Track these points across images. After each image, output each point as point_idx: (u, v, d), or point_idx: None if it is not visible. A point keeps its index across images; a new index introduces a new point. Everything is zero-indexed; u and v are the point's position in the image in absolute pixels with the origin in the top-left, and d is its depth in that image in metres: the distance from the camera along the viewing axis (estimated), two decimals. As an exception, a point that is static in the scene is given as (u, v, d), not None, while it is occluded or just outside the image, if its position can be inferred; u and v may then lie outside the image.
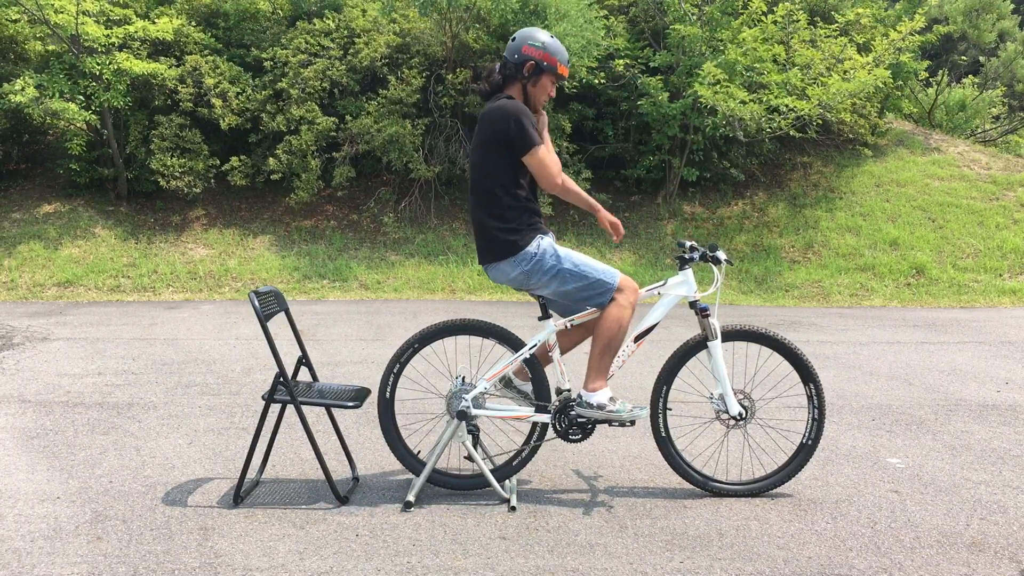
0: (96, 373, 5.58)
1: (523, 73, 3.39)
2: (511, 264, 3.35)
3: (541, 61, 3.38)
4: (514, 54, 3.39)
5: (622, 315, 3.31)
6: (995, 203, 12.10)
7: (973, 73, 18.80)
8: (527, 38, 3.40)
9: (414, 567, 2.78)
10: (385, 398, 3.46)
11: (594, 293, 3.34)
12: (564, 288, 3.34)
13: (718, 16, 11.52)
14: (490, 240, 3.36)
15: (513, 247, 3.32)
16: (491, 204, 3.35)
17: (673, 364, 3.47)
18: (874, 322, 8.06)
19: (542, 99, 3.47)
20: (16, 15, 10.84)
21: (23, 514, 3.19)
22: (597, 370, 3.34)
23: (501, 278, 3.42)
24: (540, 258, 3.32)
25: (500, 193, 3.33)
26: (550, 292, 3.40)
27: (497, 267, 3.39)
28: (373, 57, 11.44)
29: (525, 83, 3.42)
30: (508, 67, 3.41)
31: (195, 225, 11.45)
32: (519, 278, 3.37)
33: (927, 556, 2.90)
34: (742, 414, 3.43)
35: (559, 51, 3.41)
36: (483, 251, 3.42)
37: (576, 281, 3.33)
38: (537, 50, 3.37)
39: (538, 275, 3.34)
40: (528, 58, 3.37)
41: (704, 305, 3.43)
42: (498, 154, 3.32)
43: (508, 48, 3.44)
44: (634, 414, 3.33)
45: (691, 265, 3.47)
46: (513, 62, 3.39)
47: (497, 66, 3.45)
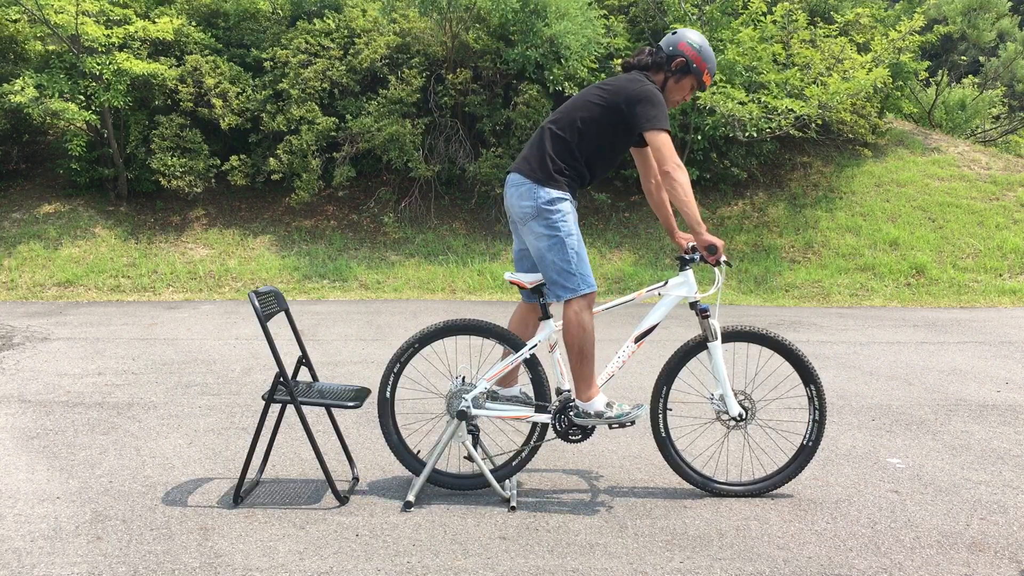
0: (96, 373, 5.58)
1: (671, 67, 3.43)
2: (532, 191, 3.30)
3: (692, 62, 3.42)
4: (670, 46, 3.44)
5: (580, 319, 3.27)
6: (995, 203, 12.10)
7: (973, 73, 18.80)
8: (685, 36, 3.46)
9: (414, 567, 2.78)
10: (385, 397, 3.46)
11: (561, 281, 3.29)
12: (547, 254, 3.29)
13: (718, 16, 11.52)
14: (541, 161, 3.33)
15: (550, 181, 3.30)
16: (563, 145, 3.34)
17: (673, 365, 3.47)
18: (874, 322, 8.06)
19: (677, 99, 3.52)
20: (16, 15, 10.84)
21: (23, 514, 3.19)
22: (583, 379, 3.33)
23: (513, 196, 3.36)
24: (557, 211, 3.28)
25: (576, 145, 3.33)
26: (532, 245, 3.35)
27: (522, 185, 3.33)
28: (373, 57, 11.44)
29: (669, 76, 3.46)
30: (660, 56, 3.44)
31: (195, 225, 11.45)
32: (527, 208, 3.31)
33: (927, 556, 2.90)
34: (742, 415, 3.43)
35: (711, 59, 3.47)
36: (524, 160, 3.38)
37: (561, 260, 3.28)
38: (692, 50, 3.42)
39: (542, 220, 3.29)
40: (681, 54, 3.42)
41: (704, 306, 3.43)
42: (611, 116, 3.31)
43: (665, 40, 3.49)
44: (633, 414, 3.33)
45: (692, 266, 3.47)
46: (667, 53, 3.44)
47: (647, 49, 3.49)
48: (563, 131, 3.36)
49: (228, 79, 11.30)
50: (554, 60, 11.10)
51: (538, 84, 11.27)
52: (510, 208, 3.42)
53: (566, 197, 3.33)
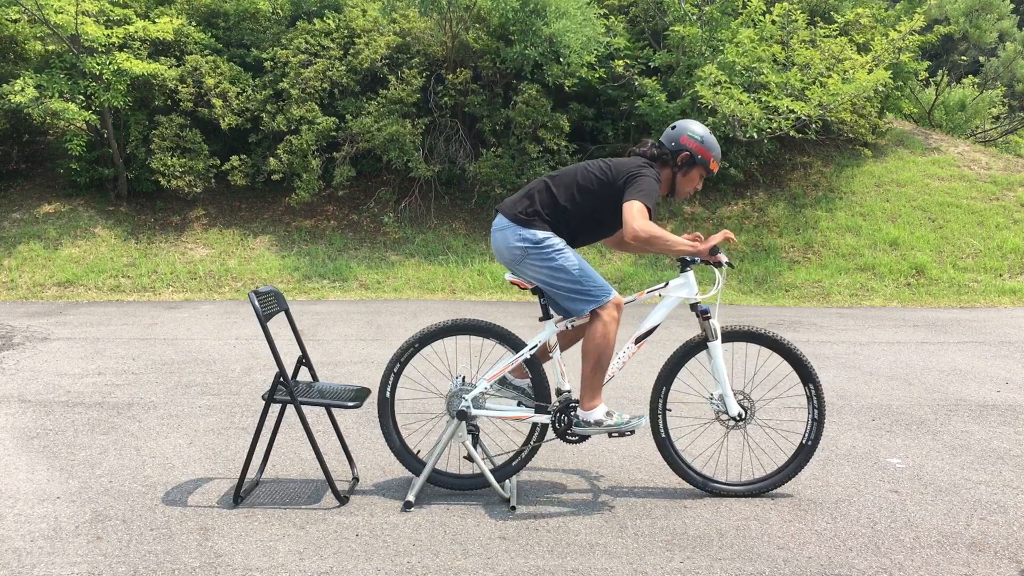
0: (96, 373, 5.58)
1: (676, 162, 3.47)
2: (517, 232, 3.33)
3: (696, 153, 3.46)
4: (671, 141, 3.48)
5: (607, 330, 3.29)
6: (995, 203, 12.10)
7: (973, 73, 18.80)
8: (686, 129, 3.49)
9: (414, 567, 2.78)
10: (385, 397, 3.46)
11: (578, 299, 3.32)
12: (555, 282, 3.33)
13: (718, 16, 11.52)
14: (528, 208, 3.36)
15: (531, 222, 3.34)
16: (553, 202, 3.37)
17: (672, 365, 3.48)
18: (874, 322, 8.06)
19: (688, 190, 3.55)
20: (16, 15, 10.84)
21: (23, 514, 3.19)
22: (591, 389, 3.34)
23: (500, 241, 3.40)
24: (544, 244, 3.32)
25: (567, 207, 3.37)
26: (539, 280, 3.38)
27: (507, 229, 3.37)
28: (373, 57, 11.44)
29: (676, 171, 3.49)
30: (664, 152, 3.48)
31: (195, 225, 11.45)
32: (516, 251, 3.34)
33: (927, 556, 2.90)
34: (742, 415, 3.43)
35: (714, 147, 3.49)
36: (511, 203, 3.43)
37: (568, 280, 3.31)
38: (695, 142, 3.46)
39: (535, 258, 3.32)
40: (684, 148, 3.45)
41: (705, 307, 3.43)
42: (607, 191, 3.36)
43: (666, 134, 3.52)
44: (632, 424, 3.34)
45: (692, 267, 3.47)
46: (669, 149, 3.47)
47: (650, 142, 3.52)
48: (558, 189, 3.40)
49: (228, 79, 11.30)
50: (553, 59, 11.10)
51: (538, 83, 11.27)
52: (500, 253, 3.44)
53: (551, 235, 3.35)
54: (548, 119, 11.27)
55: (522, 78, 11.51)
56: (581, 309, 3.33)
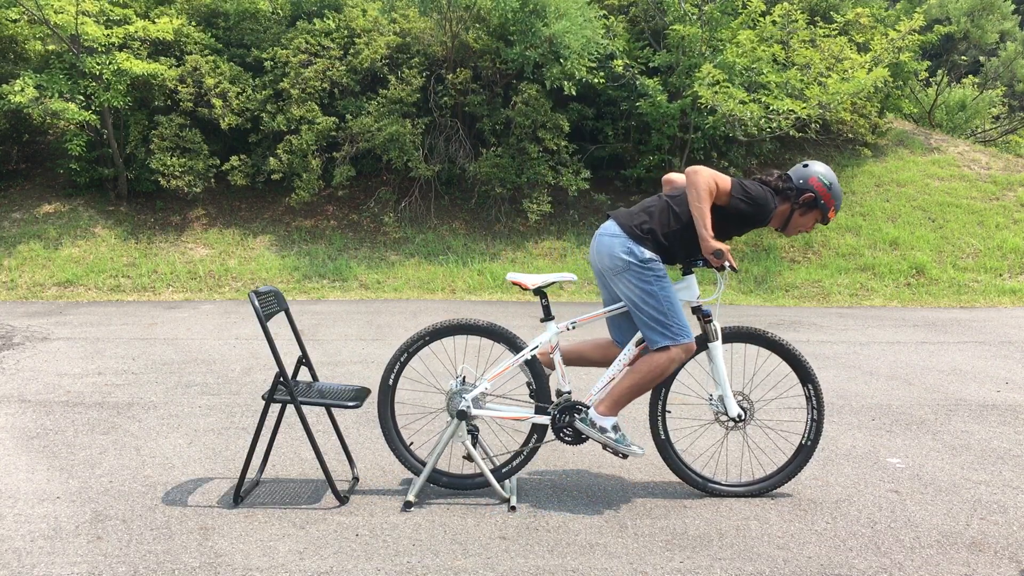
0: (96, 373, 5.58)
1: (799, 200, 3.43)
2: (627, 245, 3.31)
3: (820, 198, 3.43)
4: (800, 179, 3.45)
5: (667, 368, 3.28)
6: (995, 203, 12.10)
7: (973, 73, 18.79)
8: (818, 172, 3.45)
9: (414, 567, 2.78)
10: (387, 385, 3.45)
11: (657, 330, 3.29)
12: (643, 305, 3.30)
13: (718, 16, 11.51)
14: (644, 224, 3.34)
15: (645, 240, 3.31)
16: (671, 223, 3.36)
17: None
18: (874, 322, 8.06)
19: (799, 229, 3.52)
20: (16, 15, 10.83)
21: (23, 514, 3.19)
22: (615, 401, 3.34)
23: (606, 249, 3.36)
24: (648, 264, 3.29)
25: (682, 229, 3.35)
26: (627, 298, 3.34)
27: (617, 238, 3.34)
28: (373, 57, 11.44)
29: (795, 209, 3.46)
30: (790, 188, 3.45)
31: (195, 225, 11.45)
32: (619, 263, 3.31)
33: (927, 556, 2.90)
34: (741, 415, 3.43)
35: (839, 196, 3.48)
36: (628, 214, 3.40)
37: (654, 310, 3.28)
38: (823, 186, 3.43)
39: (633, 275, 3.30)
40: (811, 189, 3.43)
41: (707, 310, 3.43)
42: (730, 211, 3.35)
43: (795, 171, 3.49)
44: (632, 450, 3.35)
45: (694, 270, 3.47)
46: (796, 186, 3.44)
47: (777, 174, 3.51)
48: (677, 206, 3.36)
49: (228, 79, 11.29)
50: (553, 60, 11.10)
51: (537, 84, 11.27)
52: (599, 258, 3.40)
53: (658, 259, 3.33)
54: (548, 119, 11.27)
55: (522, 78, 11.50)
56: (656, 340, 3.29)
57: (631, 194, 12.40)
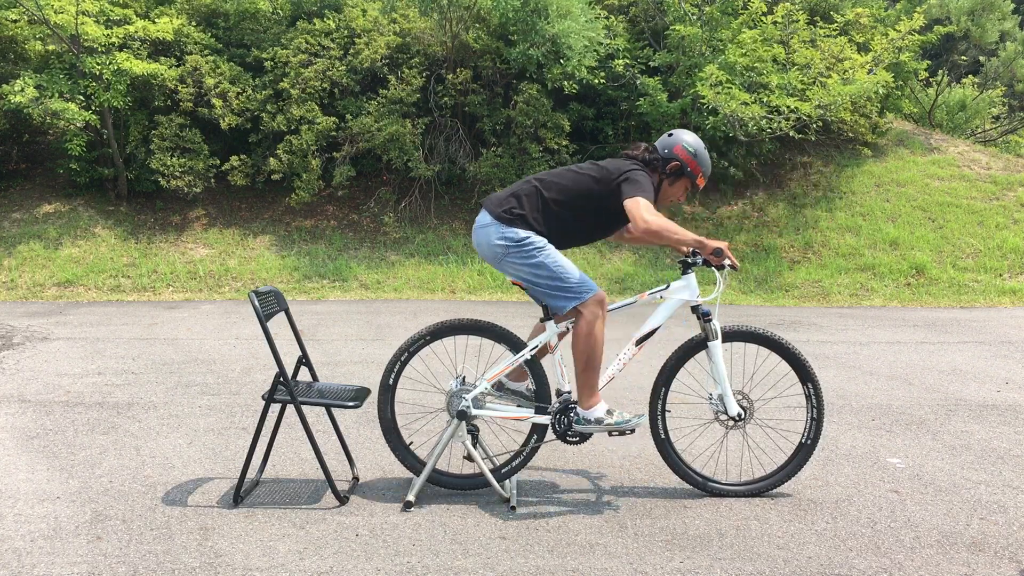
0: (96, 373, 5.58)
1: (666, 170, 3.47)
2: (500, 231, 3.33)
3: (686, 165, 3.48)
4: (665, 148, 3.49)
5: (592, 328, 3.28)
6: (995, 203, 12.10)
7: (973, 73, 18.78)
8: (681, 139, 3.49)
9: (414, 567, 2.78)
10: (387, 385, 3.45)
11: (562, 294, 3.31)
12: (536, 280, 3.32)
13: (718, 16, 11.51)
14: (513, 207, 3.36)
15: (515, 222, 3.33)
16: (542, 203, 3.37)
17: (672, 365, 3.48)
18: (874, 322, 8.06)
19: (671, 199, 3.57)
20: (16, 15, 10.83)
21: (23, 514, 3.19)
22: (587, 387, 3.34)
23: (483, 239, 3.38)
24: (525, 242, 3.31)
25: (555, 208, 3.36)
26: (521, 278, 3.37)
27: (489, 227, 3.36)
28: (373, 57, 11.44)
29: (663, 178, 3.49)
30: (655, 158, 3.48)
31: (195, 225, 11.45)
32: (497, 249, 3.34)
33: (927, 556, 2.90)
34: (741, 415, 3.43)
35: (706, 163, 3.52)
36: (496, 201, 3.41)
37: (548, 277, 3.30)
38: (687, 154, 3.47)
39: (515, 256, 3.32)
40: (676, 157, 3.47)
41: (707, 310, 3.43)
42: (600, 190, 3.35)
43: (661, 141, 3.53)
44: (633, 423, 3.34)
45: (694, 269, 3.47)
46: (661, 156, 3.48)
47: (643, 146, 3.53)
48: (549, 192, 3.38)
49: (228, 79, 11.29)
50: (555, 60, 11.10)
51: (538, 83, 11.28)
52: (481, 249, 3.42)
53: (532, 235, 3.33)
54: (549, 119, 11.27)
55: (523, 78, 11.51)
56: (563, 306, 3.32)
57: (631, 194, 12.39)
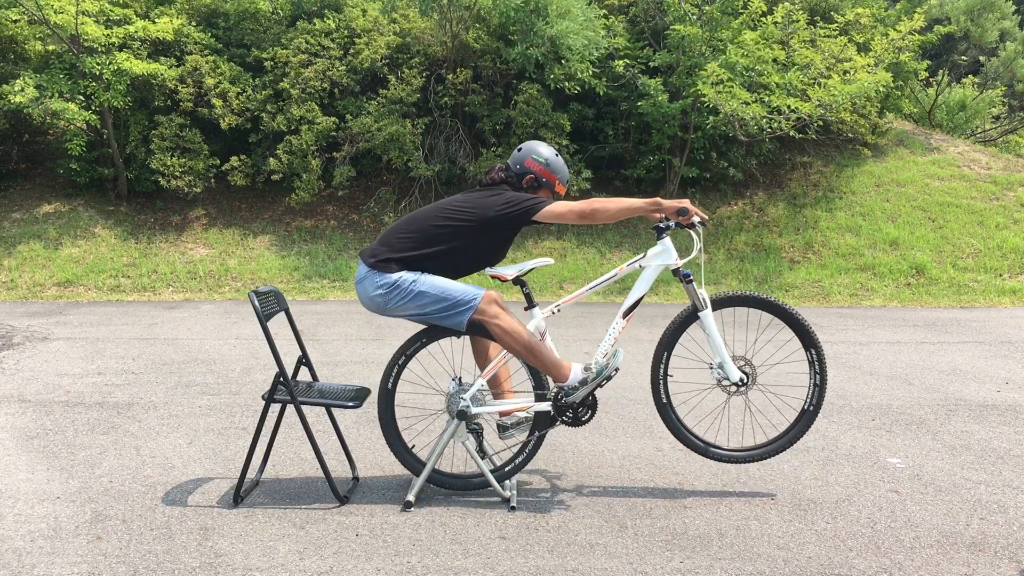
0: (96, 373, 5.58)
1: (522, 185, 3.47)
2: (373, 281, 3.29)
3: (540, 176, 3.47)
4: (517, 164, 3.48)
5: (503, 324, 3.26)
6: (995, 203, 12.10)
7: (973, 73, 18.78)
8: (531, 151, 3.48)
9: (414, 567, 2.78)
10: (387, 389, 3.44)
11: (454, 312, 3.27)
12: (424, 310, 3.29)
13: (718, 16, 11.51)
14: (379, 253, 3.33)
15: (387, 266, 3.29)
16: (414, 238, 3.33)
17: (673, 330, 3.45)
18: (874, 322, 8.06)
19: None
20: (16, 15, 10.83)
21: (23, 514, 3.19)
22: (549, 368, 3.34)
23: (363, 294, 3.35)
24: (399, 282, 3.27)
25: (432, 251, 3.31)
26: (411, 316, 3.34)
27: (364, 280, 3.32)
28: (373, 57, 11.44)
29: (523, 192, 3.46)
30: (510, 175, 3.47)
31: (195, 225, 11.45)
32: (378, 299, 3.30)
33: (927, 556, 2.90)
34: (743, 380, 3.41)
35: (560, 169, 3.50)
36: (368, 251, 3.38)
37: (434, 302, 3.27)
38: (539, 165, 3.47)
39: (397, 299, 3.28)
40: (529, 171, 3.47)
41: (687, 271, 3.40)
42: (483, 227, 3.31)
43: (512, 157, 3.52)
44: (612, 364, 3.33)
45: (667, 233, 3.43)
46: (515, 172, 3.48)
47: (498, 166, 3.52)
48: (416, 235, 3.32)
49: (228, 79, 11.29)
50: (555, 60, 11.10)
51: (538, 83, 11.28)
52: (366, 305, 3.38)
53: (404, 273, 3.29)
54: (549, 119, 11.27)
55: (523, 78, 11.51)
56: (460, 321, 3.29)
57: (631, 194, 12.41)
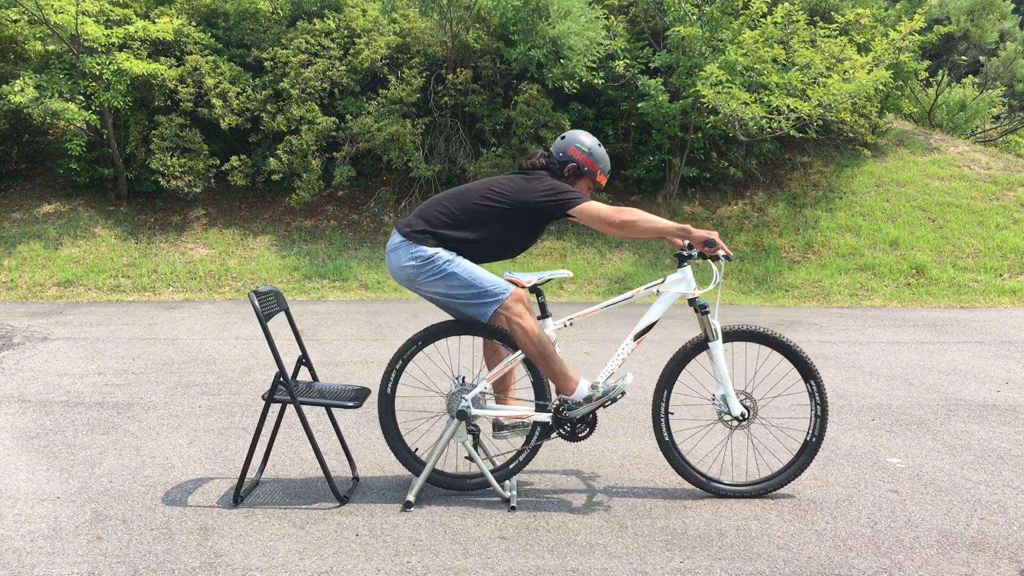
0: (96, 373, 5.58)
1: (563, 172, 3.46)
2: (409, 251, 3.31)
3: (583, 165, 3.46)
4: (559, 152, 3.47)
5: (524, 325, 3.26)
6: (995, 203, 12.10)
7: (973, 73, 18.78)
8: (575, 140, 3.48)
9: (414, 567, 2.78)
10: (386, 394, 3.45)
11: (480, 302, 3.29)
12: (451, 292, 3.30)
13: (718, 16, 11.51)
14: (417, 225, 3.34)
15: (424, 239, 3.31)
16: (455, 223, 3.33)
17: (673, 367, 3.46)
18: (874, 322, 8.06)
19: None
20: (16, 15, 10.83)
21: (23, 514, 3.19)
22: (557, 377, 3.34)
23: (395, 263, 3.37)
24: (433, 258, 3.29)
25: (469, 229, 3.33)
26: (437, 294, 3.36)
27: (398, 249, 3.34)
28: (373, 57, 11.44)
29: (564, 181, 3.46)
30: (552, 162, 3.46)
31: (195, 225, 11.45)
32: (409, 270, 3.32)
33: (927, 556, 2.90)
34: (744, 414, 3.42)
35: (602, 159, 3.50)
36: (404, 222, 3.40)
37: (463, 287, 3.28)
38: (582, 154, 3.46)
39: (427, 274, 3.30)
40: (571, 159, 3.46)
41: (703, 303, 3.42)
42: (519, 212, 3.32)
43: (555, 144, 3.51)
44: (620, 387, 3.34)
45: (689, 262, 3.46)
46: (557, 159, 3.46)
47: (539, 152, 3.51)
48: (458, 212, 3.35)
49: (228, 79, 11.29)
50: (555, 60, 11.10)
51: (538, 84, 11.27)
52: (395, 275, 3.40)
53: (440, 251, 3.31)
54: (549, 119, 11.27)
55: (523, 78, 11.50)
56: (484, 312, 3.30)
57: (631, 194, 12.41)
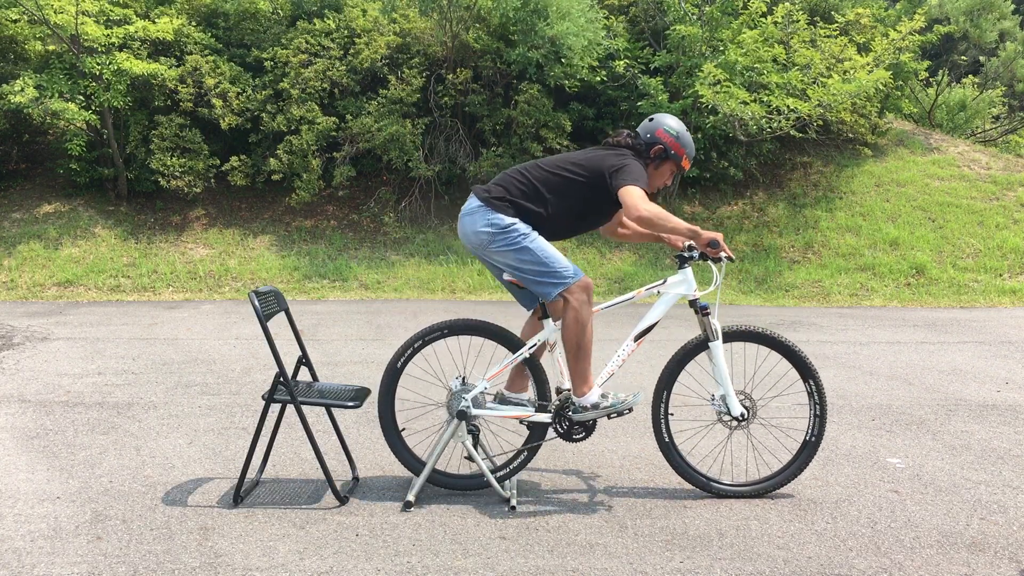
0: (96, 373, 5.58)
1: (649, 154, 3.45)
2: (485, 217, 3.32)
3: (670, 148, 3.46)
4: (647, 133, 3.47)
5: (579, 314, 3.27)
6: (995, 203, 12.10)
7: (973, 73, 18.77)
8: (662, 123, 3.48)
9: (414, 567, 2.78)
10: (395, 367, 3.44)
11: (549, 281, 3.29)
12: (522, 266, 3.31)
13: (718, 16, 11.51)
14: (497, 192, 3.36)
15: (503, 207, 3.32)
16: (534, 192, 3.35)
17: (672, 368, 3.46)
18: (874, 322, 8.06)
19: (658, 184, 3.54)
20: (16, 15, 10.83)
21: (23, 514, 3.19)
22: (579, 375, 3.34)
23: (469, 227, 3.38)
24: (510, 228, 3.30)
25: (547, 198, 3.35)
26: (507, 265, 3.36)
27: (474, 214, 3.36)
28: (373, 57, 11.44)
29: (648, 164, 3.46)
30: (638, 143, 3.46)
31: (195, 225, 11.45)
32: (483, 236, 3.32)
33: (927, 556, 2.90)
34: (744, 415, 3.42)
35: (689, 145, 3.49)
36: (483, 187, 3.42)
37: (534, 263, 3.29)
38: (670, 137, 3.46)
39: (501, 243, 3.31)
40: (659, 141, 3.45)
41: (704, 304, 3.42)
42: (592, 182, 3.33)
43: (643, 126, 3.51)
44: (630, 402, 3.34)
45: (691, 263, 3.46)
46: (644, 141, 3.46)
47: (625, 132, 3.51)
48: (538, 183, 3.37)
49: (228, 79, 11.29)
50: (555, 60, 11.10)
51: (538, 83, 11.27)
52: (466, 238, 3.41)
53: (518, 222, 3.32)
54: (550, 119, 11.28)
55: (523, 78, 11.51)
56: (550, 292, 3.31)
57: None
